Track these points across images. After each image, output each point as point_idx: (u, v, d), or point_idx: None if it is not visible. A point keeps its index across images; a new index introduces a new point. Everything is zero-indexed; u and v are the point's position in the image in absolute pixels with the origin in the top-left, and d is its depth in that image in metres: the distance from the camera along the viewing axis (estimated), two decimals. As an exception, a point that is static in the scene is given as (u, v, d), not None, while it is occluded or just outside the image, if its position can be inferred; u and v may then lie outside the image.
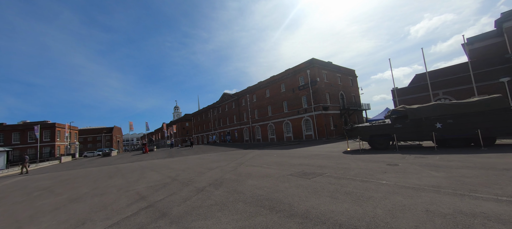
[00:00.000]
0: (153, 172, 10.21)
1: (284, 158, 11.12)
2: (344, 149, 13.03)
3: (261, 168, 8.49)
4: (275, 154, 13.84)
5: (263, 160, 11.05)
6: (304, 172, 6.93)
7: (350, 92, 36.19)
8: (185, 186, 6.49)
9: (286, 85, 34.74)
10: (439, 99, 19.33)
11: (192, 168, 10.51)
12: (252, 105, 42.60)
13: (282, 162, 9.84)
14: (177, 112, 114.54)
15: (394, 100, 22.08)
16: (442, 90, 18.93)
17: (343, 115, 33.06)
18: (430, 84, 18.73)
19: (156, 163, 15.08)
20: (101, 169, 14.75)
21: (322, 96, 30.01)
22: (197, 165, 11.56)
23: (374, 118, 14.84)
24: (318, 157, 10.36)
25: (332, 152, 12.10)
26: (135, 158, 22.32)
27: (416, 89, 20.46)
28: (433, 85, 19.23)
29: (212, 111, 58.17)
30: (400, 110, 11.38)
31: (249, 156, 13.85)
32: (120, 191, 6.67)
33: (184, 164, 12.45)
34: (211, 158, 15.06)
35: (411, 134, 10.65)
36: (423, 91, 20.11)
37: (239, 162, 11.04)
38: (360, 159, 8.67)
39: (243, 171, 8.26)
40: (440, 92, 19.10)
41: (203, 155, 18.42)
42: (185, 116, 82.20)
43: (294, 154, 12.69)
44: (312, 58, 30.64)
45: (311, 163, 8.83)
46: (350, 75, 37.61)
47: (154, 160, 17.35)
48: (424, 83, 20.31)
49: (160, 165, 13.44)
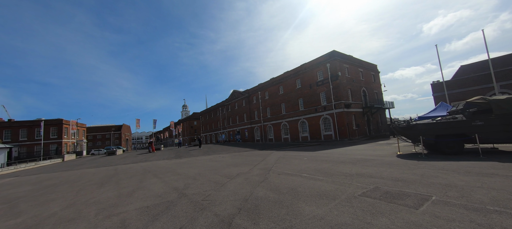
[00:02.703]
0: (155, 180, 7.92)
1: (321, 164, 8.56)
2: (388, 153, 10.33)
3: (304, 179, 5.99)
4: (305, 157, 11.28)
5: (295, 166, 8.54)
6: (386, 192, 4.38)
7: (373, 89, 33.03)
8: (200, 210, 4.09)
9: (302, 81, 32.01)
10: (493, 94, 16.15)
11: (205, 174, 8.14)
12: (264, 103, 40.12)
13: (325, 169, 7.30)
14: (185, 111, 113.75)
15: (434, 96, 19.00)
16: (500, 82, 15.75)
17: (366, 114, 30.00)
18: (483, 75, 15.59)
19: (161, 165, 12.87)
20: (98, 170, 12.70)
21: (344, 92, 27.13)
22: (211, 169, 9.19)
23: (425, 115, 11.99)
24: (370, 163, 7.75)
25: (380, 157, 9.44)
26: (139, 157, 20.34)
27: (464, 82, 17.29)
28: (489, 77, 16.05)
29: (221, 110, 56.13)
30: (478, 102, 8.57)
31: (272, 159, 11.37)
32: (99, 215, 4.35)
33: (194, 168, 10.12)
34: (225, 160, 12.70)
35: (499, 134, 7.85)
36: (473, 84, 16.96)
37: (265, 168, 8.59)
38: (447, 169, 6.01)
39: (279, 183, 5.79)
40: (498, 85, 15.92)
41: (215, 156, 16.12)
42: (193, 115, 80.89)
43: (330, 158, 10.10)
44: (333, 50, 27.81)
45: (370, 173, 6.24)
46: (372, 70, 34.41)
47: (159, 161, 15.19)
48: (474, 75, 17.15)
49: (166, 168, 11.20)
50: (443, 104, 12.27)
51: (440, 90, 18.78)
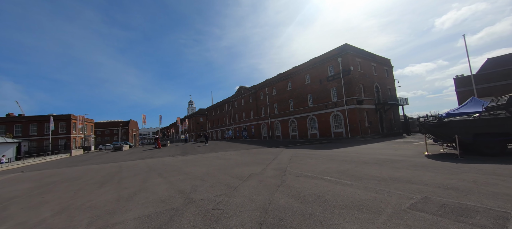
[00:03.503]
0: (159, 180, 7.25)
1: (342, 164, 7.69)
2: (412, 152, 9.32)
3: (329, 184, 5.16)
4: (321, 156, 10.41)
5: (313, 166, 7.71)
6: (442, 204, 3.49)
7: (386, 85, 31.54)
8: (210, 224, 3.34)
9: (312, 76, 30.86)
10: (528, 88, 14.71)
11: (213, 174, 7.42)
12: (271, 99, 39.19)
13: (349, 171, 6.43)
14: (191, 107, 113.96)
15: (457, 91, 17.64)
16: (534, 77, 14.30)
17: (379, 111, 28.67)
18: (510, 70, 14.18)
19: (167, 162, 12.28)
20: (102, 167, 12.24)
21: (356, 87, 25.88)
22: (220, 169, 8.48)
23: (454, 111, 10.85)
24: (399, 165, 6.83)
25: (406, 157, 8.47)
26: (145, 154, 19.95)
27: (491, 76, 15.86)
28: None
29: (227, 106, 55.56)
30: (525, 96, 7.47)
31: (284, 158, 10.57)
32: (90, 226, 3.66)
33: (201, 167, 9.44)
34: (233, 158, 11.98)
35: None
36: (502, 79, 15.53)
37: (279, 168, 7.79)
38: (501, 174, 5.04)
39: (301, 188, 4.98)
40: (530, 80, 14.48)
41: (222, 153, 15.45)
42: (199, 111, 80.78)
43: (348, 157, 9.20)
44: (345, 43, 26.50)
45: (407, 177, 5.34)
46: (386, 65, 32.85)
47: (165, 158, 14.65)
48: (503, 68, 15.71)
49: (171, 166, 10.57)
50: (474, 99, 11.08)
51: (464, 85, 17.40)
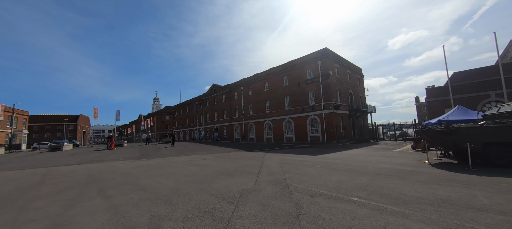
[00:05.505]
0: (98, 201, 4.66)
1: (351, 176, 6.22)
2: (411, 161, 8.54)
3: (370, 211, 3.48)
4: (317, 164, 8.88)
5: (318, 178, 6.04)
6: None
7: (358, 92, 32.70)
8: None
9: (290, 78, 30.10)
10: (490, 101, 15.97)
11: (186, 192, 5.15)
12: (246, 99, 37.35)
13: (369, 186, 4.93)
14: (156, 104, 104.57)
15: (427, 101, 18.45)
16: (495, 91, 15.58)
17: (352, 117, 29.31)
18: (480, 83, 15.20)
19: (119, 169, 9.30)
20: (19, 175, 8.59)
21: (334, 92, 25.85)
22: (194, 181, 6.19)
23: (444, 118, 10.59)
24: (419, 177, 5.65)
25: (411, 167, 7.51)
26: (92, 156, 15.94)
27: (461, 88, 16.89)
28: (485, 85, 15.81)
29: (197, 105, 51.70)
30: (531, 105, 7.13)
31: (273, 165, 8.75)
32: None
33: (167, 177, 6.97)
34: (210, 164, 9.68)
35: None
36: (469, 91, 16.63)
37: (275, 180, 5.91)
38: (561, 194, 4.08)
39: (335, 222, 3.17)
40: (492, 94, 15.75)
41: (194, 157, 12.89)
42: (165, 109, 74.22)
43: (348, 166, 7.87)
44: (325, 48, 26.37)
45: (454, 198, 4.04)
46: (358, 73, 34.18)
47: (117, 163, 11.44)
48: (470, 82, 16.86)
49: (124, 175, 7.78)
50: (460, 107, 11.03)
51: (434, 95, 18.31)
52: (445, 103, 17.34)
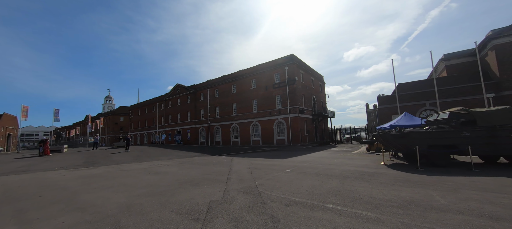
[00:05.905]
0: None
1: (322, 180, 6.24)
2: (368, 163, 9.26)
3: (349, 219, 3.34)
4: (287, 168, 8.76)
5: (289, 184, 5.85)
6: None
7: (320, 98, 34.90)
8: None
9: (258, 82, 30.25)
10: (426, 110, 18.81)
11: (141, 209, 4.28)
12: (212, 101, 36.08)
13: (341, 191, 4.94)
14: (109, 104, 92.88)
15: (378, 108, 20.70)
16: (429, 101, 18.47)
17: (315, 121, 31.05)
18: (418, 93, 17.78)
19: (52, 181, 7.52)
20: None
21: (299, 97, 26.94)
22: (152, 194, 5.28)
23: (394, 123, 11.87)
24: (381, 179, 5.99)
25: (371, 168, 8.05)
26: (15, 165, 12.80)
27: (404, 97, 19.51)
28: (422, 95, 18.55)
29: (158, 105, 47.74)
30: (461, 113, 8.42)
31: (242, 171, 8.31)
32: None
33: (117, 190, 5.83)
34: (171, 171, 8.65)
35: (484, 147, 7.70)
36: (410, 100, 19.30)
37: (245, 188, 5.47)
38: (480, 189, 4.72)
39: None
40: (427, 103, 18.64)
41: (153, 163, 11.48)
42: (120, 109, 66.45)
43: (316, 170, 7.99)
44: (292, 54, 27.37)
45: (417, 199, 4.29)
46: (320, 80, 36.55)
47: (51, 173, 9.34)
48: (411, 92, 19.60)
49: (57, 189, 6.26)
50: (407, 114, 12.54)
51: (384, 103, 20.71)
52: (392, 110, 19.72)
